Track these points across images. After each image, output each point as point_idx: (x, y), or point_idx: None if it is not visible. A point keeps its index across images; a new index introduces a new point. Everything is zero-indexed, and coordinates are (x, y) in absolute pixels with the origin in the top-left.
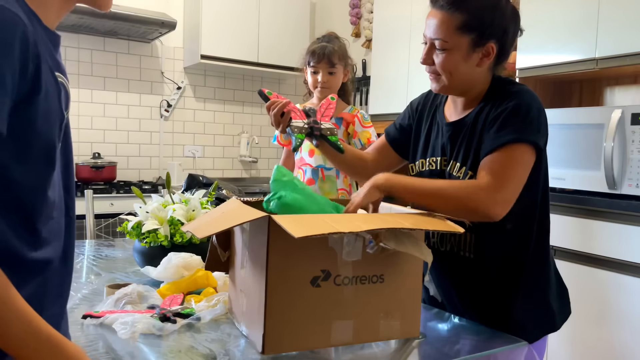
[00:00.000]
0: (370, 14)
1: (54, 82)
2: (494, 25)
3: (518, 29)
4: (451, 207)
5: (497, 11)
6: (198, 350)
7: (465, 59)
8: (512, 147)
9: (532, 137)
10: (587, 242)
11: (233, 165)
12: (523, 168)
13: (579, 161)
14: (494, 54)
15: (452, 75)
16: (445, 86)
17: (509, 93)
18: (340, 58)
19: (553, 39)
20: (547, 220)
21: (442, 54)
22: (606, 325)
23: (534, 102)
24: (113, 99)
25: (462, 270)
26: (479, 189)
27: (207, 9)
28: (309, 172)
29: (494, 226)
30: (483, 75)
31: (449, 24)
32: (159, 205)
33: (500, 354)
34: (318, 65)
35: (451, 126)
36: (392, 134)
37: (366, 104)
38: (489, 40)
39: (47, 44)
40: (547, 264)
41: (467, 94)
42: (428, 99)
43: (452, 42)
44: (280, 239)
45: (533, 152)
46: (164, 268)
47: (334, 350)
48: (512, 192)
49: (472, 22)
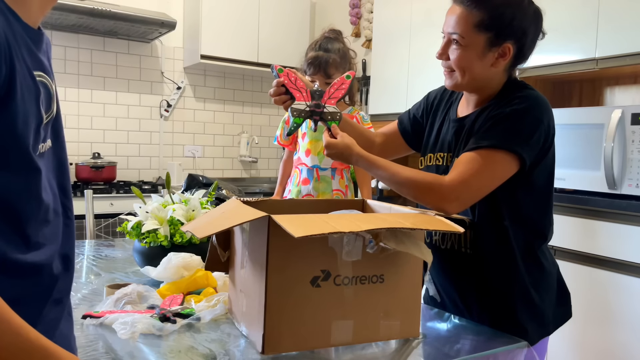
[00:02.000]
0: (370, 14)
1: (32, 83)
2: (513, 25)
3: (540, 32)
4: (412, 195)
5: (517, 12)
6: (198, 350)
7: (480, 57)
8: (488, 152)
9: (516, 147)
10: (587, 242)
11: (233, 165)
12: (491, 175)
13: (579, 161)
14: (511, 55)
15: (465, 73)
16: (458, 83)
17: (515, 97)
18: (338, 67)
19: (553, 39)
20: (544, 224)
21: (457, 50)
22: (606, 325)
23: (534, 112)
24: (113, 99)
25: (462, 267)
26: (439, 185)
27: (207, 9)
28: (304, 172)
29: (491, 222)
30: (498, 76)
31: (467, 20)
32: (158, 205)
33: (501, 354)
34: (315, 77)
35: (457, 122)
36: (404, 122)
37: (366, 104)
38: (505, 41)
39: (27, 42)
40: (542, 267)
41: (479, 93)
42: (446, 93)
43: (469, 39)
44: (280, 239)
45: (514, 161)
46: (163, 268)
47: (334, 350)
48: (470, 195)
49: (490, 21)
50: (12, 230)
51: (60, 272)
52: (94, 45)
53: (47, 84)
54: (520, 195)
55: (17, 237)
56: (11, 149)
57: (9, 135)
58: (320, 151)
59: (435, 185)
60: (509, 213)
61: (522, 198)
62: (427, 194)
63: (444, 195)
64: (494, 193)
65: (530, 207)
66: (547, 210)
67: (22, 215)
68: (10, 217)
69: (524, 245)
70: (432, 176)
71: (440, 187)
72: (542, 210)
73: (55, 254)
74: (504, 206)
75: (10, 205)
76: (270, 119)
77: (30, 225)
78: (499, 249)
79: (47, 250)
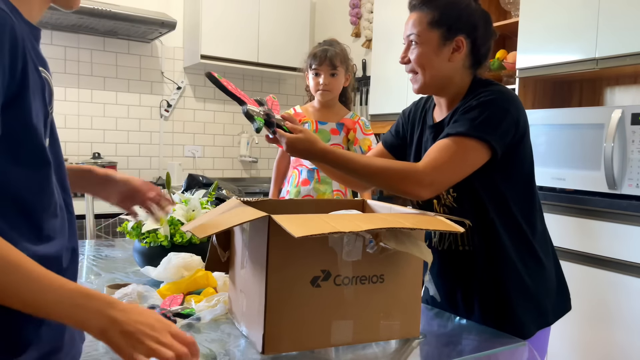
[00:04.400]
0: (370, 14)
1: (38, 78)
2: (462, 20)
3: (490, 30)
4: (386, 184)
5: (465, 8)
6: None
7: (436, 52)
8: (460, 139)
9: (486, 135)
10: (587, 242)
11: (233, 165)
12: (463, 161)
13: (579, 161)
14: (464, 49)
15: (425, 69)
16: (422, 84)
17: (481, 92)
18: (342, 61)
19: (553, 39)
20: (534, 216)
21: (415, 48)
22: (606, 325)
23: (502, 103)
24: (113, 99)
25: (462, 265)
26: (414, 171)
27: (207, 9)
28: (304, 173)
29: (478, 219)
30: (459, 74)
31: (421, 20)
32: None
33: (501, 354)
34: (320, 68)
35: (434, 128)
36: (389, 140)
37: (366, 104)
38: (457, 34)
39: (31, 38)
40: (539, 258)
41: (445, 93)
42: (419, 105)
43: (424, 37)
44: (280, 239)
45: (484, 149)
46: (164, 268)
47: (334, 350)
48: (444, 180)
49: (441, 18)
50: (26, 223)
51: (68, 264)
52: (94, 45)
53: (48, 79)
54: (503, 188)
55: (31, 230)
56: (26, 143)
57: (24, 128)
58: None
59: (411, 172)
60: (494, 207)
61: (505, 190)
62: (403, 181)
63: (419, 180)
64: (475, 188)
65: (515, 198)
66: (532, 200)
67: (35, 208)
68: (24, 210)
69: (514, 237)
70: (405, 163)
71: (415, 173)
72: (526, 201)
73: (63, 247)
74: (487, 200)
75: (25, 199)
76: None
77: (43, 218)
78: (489, 242)
79: (57, 243)
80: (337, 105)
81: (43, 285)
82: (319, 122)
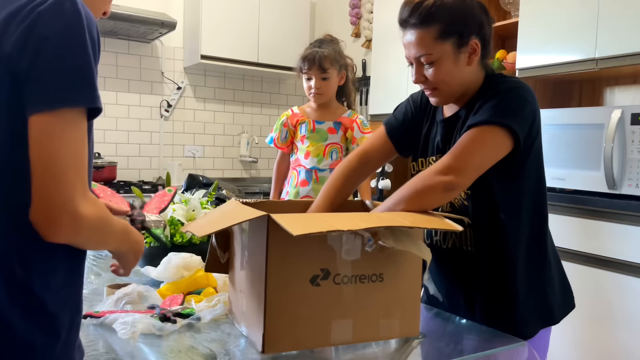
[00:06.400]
0: (370, 14)
1: None
2: (470, 23)
3: (490, 19)
4: (422, 205)
5: (466, 10)
6: (198, 350)
7: (454, 63)
8: (480, 128)
9: (506, 120)
10: (587, 242)
11: (233, 165)
12: (484, 147)
13: (578, 161)
14: (479, 49)
15: (448, 84)
16: (445, 96)
17: (499, 82)
18: (333, 62)
19: (553, 39)
20: (542, 215)
21: (431, 67)
22: (607, 325)
23: (521, 92)
24: (113, 99)
25: (466, 265)
26: (433, 174)
27: (207, 9)
28: (302, 174)
29: (488, 217)
30: (475, 72)
31: (427, 37)
32: None
33: (501, 354)
34: (310, 72)
35: (445, 123)
36: (394, 126)
37: (366, 104)
38: (470, 38)
39: None
40: (545, 257)
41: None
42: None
43: (437, 52)
44: (279, 238)
45: (506, 135)
46: (164, 268)
47: (334, 349)
48: (469, 166)
49: (449, 27)
50: None
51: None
52: None
53: None
54: (516, 187)
55: None
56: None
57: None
58: (319, 153)
59: (430, 176)
60: (505, 206)
61: (518, 189)
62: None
63: (444, 178)
64: (490, 186)
65: (527, 195)
66: (542, 197)
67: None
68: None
69: (522, 236)
70: (419, 176)
71: (437, 175)
72: (537, 197)
73: None
74: (500, 198)
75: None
76: (270, 119)
77: None
78: (496, 242)
79: None
80: (335, 104)
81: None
82: (316, 121)
